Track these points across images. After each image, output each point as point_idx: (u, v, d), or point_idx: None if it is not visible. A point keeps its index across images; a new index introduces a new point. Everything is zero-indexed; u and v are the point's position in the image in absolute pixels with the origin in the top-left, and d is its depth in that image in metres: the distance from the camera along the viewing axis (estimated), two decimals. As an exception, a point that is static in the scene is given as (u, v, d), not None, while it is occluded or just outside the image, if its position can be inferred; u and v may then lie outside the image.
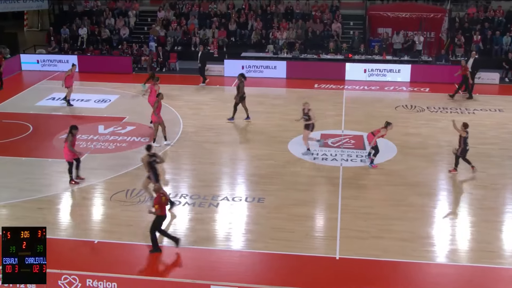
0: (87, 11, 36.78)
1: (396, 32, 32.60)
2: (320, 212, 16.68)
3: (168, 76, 30.27)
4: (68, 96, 25.46)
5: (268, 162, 19.64)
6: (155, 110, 20.44)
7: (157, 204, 13.94)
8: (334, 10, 34.87)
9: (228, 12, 35.61)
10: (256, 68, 30.69)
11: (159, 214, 14.02)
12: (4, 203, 16.74)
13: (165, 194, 14.36)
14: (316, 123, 20.23)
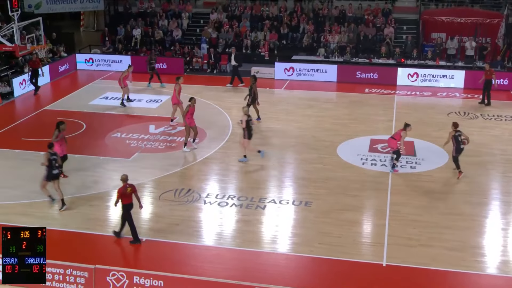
0: (141, 12, 37.37)
1: (451, 37, 32.02)
2: (368, 218, 16.51)
3: (219, 78, 30.49)
4: (123, 95, 25.90)
5: (317, 166, 19.55)
6: (185, 114, 20.34)
7: (119, 193, 14.45)
8: (387, 14, 34.49)
9: (280, 15, 35.63)
10: (306, 71, 30.61)
11: (123, 203, 14.42)
12: (57, 199, 17.15)
13: (132, 186, 14.63)
14: (356, 128, 20.00)
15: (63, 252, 14.10)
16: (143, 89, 28.64)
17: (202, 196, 17.30)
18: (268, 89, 28.87)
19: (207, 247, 14.79)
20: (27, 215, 16.15)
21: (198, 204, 16.89)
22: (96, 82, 30.26)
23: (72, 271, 12.70)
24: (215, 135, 22.23)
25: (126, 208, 14.64)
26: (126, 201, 14.58)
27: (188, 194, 17.39)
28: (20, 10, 23.88)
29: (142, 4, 37.81)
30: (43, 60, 30.98)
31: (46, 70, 30.05)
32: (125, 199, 14.57)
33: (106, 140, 21.80)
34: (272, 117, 24.27)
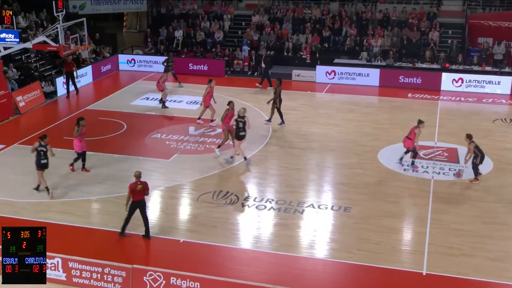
0: (183, 13, 37.73)
1: (498, 42, 31.44)
2: (408, 225, 16.31)
3: (259, 80, 30.51)
4: (163, 97, 26.19)
5: (357, 171, 19.40)
6: (224, 118, 20.28)
7: (129, 189, 14.64)
8: (432, 18, 34.05)
9: (323, 18, 35.52)
10: (348, 75, 30.44)
11: (132, 200, 14.66)
12: (97, 198, 17.43)
13: (144, 184, 14.75)
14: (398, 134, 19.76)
15: (101, 251, 14.31)
16: (182, 90, 28.87)
17: (240, 199, 17.34)
18: (309, 92, 28.80)
19: (244, 250, 14.81)
20: (67, 213, 16.44)
21: (236, 207, 16.93)
22: (137, 82, 30.65)
23: (110, 270, 12.86)
24: (254, 138, 22.25)
25: (135, 205, 14.82)
26: (136, 198, 14.76)
27: (226, 197, 17.45)
28: (65, 10, 24.32)
29: (184, 6, 38.18)
30: (86, 60, 31.57)
31: (88, 70, 30.64)
32: (135, 196, 14.75)
33: (146, 141, 22.05)
34: (313, 121, 24.20)
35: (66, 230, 15.66)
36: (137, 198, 14.78)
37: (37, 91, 26.85)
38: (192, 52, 34.65)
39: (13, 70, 27.58)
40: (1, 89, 24.21)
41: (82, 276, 13.05)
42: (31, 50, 29.68)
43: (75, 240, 15.12)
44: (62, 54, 24.46)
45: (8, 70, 26.96)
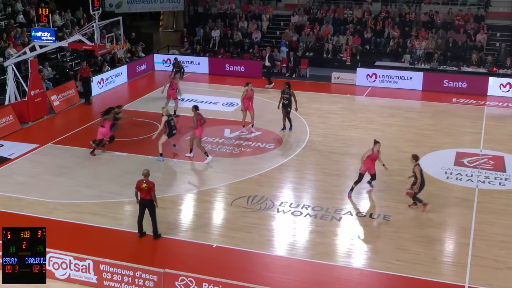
0: (221, 13, 37.94)
1: (549, 45, 30.85)
2: (451, 235, 16.08)
3: (298, 83, 30.45)
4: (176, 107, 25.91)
5: (397, 178, 19.20)
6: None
7: (136, 187, 15.03)
8: (480, 20, 33.55)
9: (364, 19, 35.31)
10: (390, 78, 30.18)
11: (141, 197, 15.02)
12: (129, 200, 17.59)
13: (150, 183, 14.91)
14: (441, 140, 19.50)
15: (133, 255, 14.45)
16: (218, 92, 28.98)
17: (275, 204, 17.33)
18: (349, 95, 28.64)
19: (278, 257, 14.79)
20: (99, 214, 16.65)
21: (271, 212, 16.92)
22: (172, 83, 30.81)
23: (142, 274, 12.98)
24: (291, 142, 22.24)
25: (140, 203, 15.07)
26: (143, 196, 15.01)
27: (261, 202, 17.45)
28: (101, 9, 24.66)
29: (222, 5, 38.38)
30: (121, 59, 31.96)
31: (123, 69, 31.01)
32: (142, 194, 15.00)
33: (180, 143, 22.18)
34: (352, 125, 24.06)
35: (97, 231, 15.86)
36: (144, 196, 15.04)
37: (72, 91, 27.30)
38: (229, 52, 34.79)
39: (49, 69, 28.10)
40: (36, 88, 24.67)
41: (113, 279, 13.19)
42: (66, 49, 30.20)
43: (106, 242, 15.30)
44: (97, 53, 24.76)
45: (44, 69, 27.48)
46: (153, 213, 15.18)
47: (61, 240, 15.00)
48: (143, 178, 15.05)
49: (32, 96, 24.42)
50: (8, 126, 23.17)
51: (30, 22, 30.32)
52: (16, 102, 24.47)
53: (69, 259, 13.48)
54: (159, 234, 15.35)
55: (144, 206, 15.12)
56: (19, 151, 21.22)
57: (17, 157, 20.81)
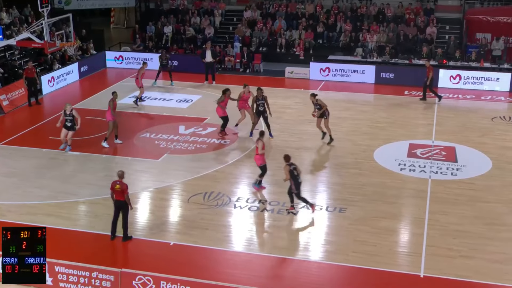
0: (173, 9, 37.65)
1: (496, 38, 31.54)
2: (405, 226, 16.35)
3: (252, 78, 30.53)
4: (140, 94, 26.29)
5: (352, 171, 19.43)
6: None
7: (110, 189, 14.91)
8: (429, 13, 34.15)
9: (316, 13, 35.55)
10: (343, 72, 30.47)
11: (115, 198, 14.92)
12: (84, 200, 17.38)
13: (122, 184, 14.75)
14: (395, 132, 19.83)
15: (88, 255, 14.27)
16: (172, 88, 28.86)
17: (232, 200, 17.34)
18: (303, 90, 28.80)
19: (236, 252, 14.81)
20: (54, 215, 16.38)
21: (228, 208, 16.93)
22: (125, 80, 30.55)
23: (98, 274, 12.83)
24: (246, 137, 22.26)
25: (115, 204, 14.95)
26: (117, 197, 14.88)
27: (218, 198, 17.44)
28: (50, 6, 24.21)
29: (174, 1, 38.09)
30: (72, 57, 31.47)
31: (75, 67, 30.54)
32: (116, 195, 14.87)
33: (134, 140, 22.00)
34: (307, 120, 24.18)
35: (52, 233, 15.56)
36: (118, 197, 14.88)
37: (21, 90, 26.71)
38: (182, 49, 34.59)
39: (-3, 68, 27.47)
40: (-16, 88, 24.11)
41: (69, 280, 13.00)
42: (15, 47, 29.55)
43: (61, 243, 15.05)
44: (47, 51, 24.39)
45: (-9, 67, 26.84)
46: (126, 215, 15.00)
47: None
48: (117, 179, 14.85)
49: (-20, 96, 23.87)
50: (-44, 127, 22.61)
51: (-24, 20, 29.59)
52: (-36, 102, 23.88)
53: (23, 261, 13.22)
54: (129, 236, 15.17)
55: (118, 207, 14.91)
56: (-32, 153, 20.73)
57: (-34, 159, 20.33)
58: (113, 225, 15.09)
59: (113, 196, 14.90)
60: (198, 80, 30.02)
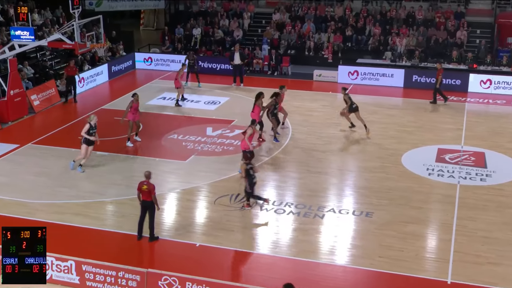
0: (202, 11, 37.83)
1: (528, 42, 31.15)
2: (433, 232, 16.20)
3: (280, 81, 30.48)
4: (178, 96, 26.46)
5: (380, 175, 19.32)
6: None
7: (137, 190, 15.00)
8: (460, 17, 33.81)
9: (345, 16, 35.43)
10: (371, 75, 30.32)
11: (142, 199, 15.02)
12: (111, 200, 17.54)
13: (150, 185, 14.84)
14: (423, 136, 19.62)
15: (115, 254, 14.39)
16: (200, 90, 28.97)
17: (258, 202, 17.34)
18: (331, 93, 28.72)
19: (261, 255, 14.81)
20: (81, 215, 16.56)
21: (254, 211, 16.94)
22: (154, 82, 30.80)
23: (124, 274, 12.93)
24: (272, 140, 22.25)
25: (142, 205, 15.05)
26: (144, 198, 14.98)
27: (244, 200, 17.45)
28: (81, 7, 24.47)
29: (203, 3, 38.27)
30: (102, 58, 31.79)
31: (104, 68, 30.86)
32: (143, 195, 14.97)
33: (162, 141, 22.14)
34: (334, 123, 24.13)
35: (80, 232, 15.78)
36: (144, 198, 14.98)
37: (52, 90, 27.10)
38: (210, 50, 34.73)
39: (28, 68, 27.85)
40: (16, 88, 24.46)
41: (95, 279, 13.13)
42: (46, 48, 29.96)
43: (88, 242, 15.22)
44: (77, 52, 24.63)
45: (23, 68, 27.23)
46: (152, 216, 15.09)
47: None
48: (145, 179, 14.97)
49: (11, 95, 24.20)
50: (-12, 127, 23.00)
51: (8, 20, 30.03)
52: (-5, 102, 24.27)
53: (51, 260, 13.38)
54: (156, 237, 15.26)
55: (145, 208, 15.02)
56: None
57: (-3, 157, 20.66)
58: (139, 225, 15.20)
59: (139, 196, 15.01)
60: (226, 82, 30.11)
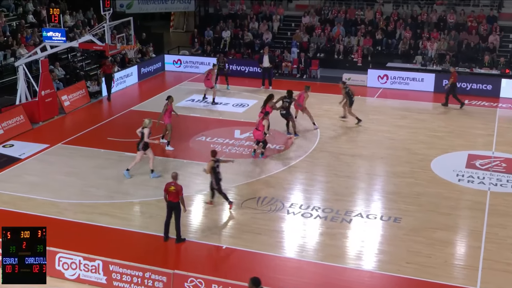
0: (231, 14, 37.96)
1: None
2: (462, 238, 16.01)
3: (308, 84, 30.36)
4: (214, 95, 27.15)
5: (408, 180, 19.16)
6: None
7: (164, 188, 15.16)
8: (492, 21, 33.40)
9: (376, 20, 35.24)
10: (401, 79, 30.10)
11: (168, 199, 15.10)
12: (140, 201, 17.66)
13: (177, 186, 14.96)
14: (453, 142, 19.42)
15: (142, 255, 14.48)
16: (228, 93, 29.05)
17: (285, 206, 17.32)
18: (360, 97, 28.54)
19: (288, 259, 14.79)
20: (109, 215, 16.71)
21: (281, 214, 16.92)
22: (183, 84, 30.96)
23: (151, 274, 13.01)
24: (302, 143, 22.22)
25: (168, 205, 15.15)
26: (170, 198, 15.09)
27: (271, 203, 17.45)
28: (112, 9, 24.73)
29: (233, 6, 38.40)
30: (132, 60, 32.06)
31: (134, 70, 31.11)
32: (170, 196, 15.07)
33: (190, 143, 22.24)
34: (363, 127, 24.00)
35: (107, 232, 15.92)
36: (171, 199, 15.08)
37: (82, 91, 27.43)
38: (240, 53, 34.82)
39: (59, 69, 28.24)
40: (47, 88, 24.80)
41: (122, 279, 13.23)
42: (77, 49, 30.34)
43: (116, 242, 15.35)
44: (108, 54, 24.88)
45: (54, 69, 27.62)
46: (178, 217, 15.19)
47: (71, 240, 15.08)
48: (172, 180, 15.11)
49: (42, 96, 24.55)
50: (19, 126, 23.30)
51: (41, 22, 30.49)
52: (27, 102, 24.59)
53: (79, 259, 13.53)
54: (183, 239, 15.34)
55: (171, 209, 15.13)
56: (29, 151, 21.32)
57: (28, 157, 20.92)
58: (166, 226, 15.29)
59: (166, 197, 15.10)
60: (255, 85, 30.13)
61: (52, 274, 13.45)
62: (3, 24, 29.28)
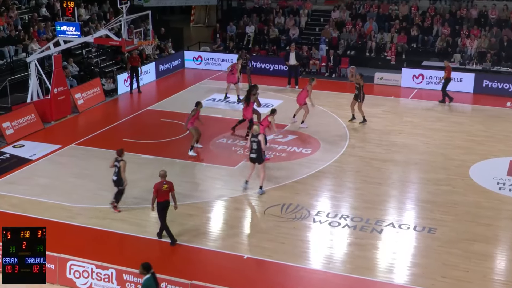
0: (256, 8, 37.99)
1: None
2: (502, 251, 15.85)
3: (338, 83, 30.43)
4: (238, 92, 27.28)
5: (445, 188, 19.02)
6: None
7: (155, 189, 15.30)
8: (538, 17, 33.09)
9: (411, 15, 35.06)
10: (438, 79, 29.85)
11: (158, 201, 15.32)
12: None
13: (170, 183, 15.18)
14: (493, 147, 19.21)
15: (158, 264, 14.52)
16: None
17: (311, 214, 17.29)
18: (393, 97, 28.47)
19: (314, 270, 14.75)
20: (123, 220, 16.81)
21: (307, 222, 16.89)
22: (203, 82, 31.06)
23: (167, 285, 13.07)
24: (330, 147, 22.17)
25: (160, 206, 15.32)
26: (161, 199, 15.25)
27: (296, 211, 17.43)
28: (129, 2, 24.87)
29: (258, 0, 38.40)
30: (150, 56, 32.23)
31: (152, 67, 31.27)
32: (160, 196, 15.22)
33: (210, 146, 22.29)
34: (396, 130, 23.89)
35: (121, 238, 16.02)
36: (162, 198, 15.30)
37: (97, 89, 27.61)
38: (264, 50, 34.84)
39: (73, 66, 28.49)
40: (60, 86, 24.97)
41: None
42: (92, 45, 30.49)
43: (130, 250, 15.44)
44: (124, 49, 25.02)
45: (68, 65, 27.87)
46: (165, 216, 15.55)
47: (83, 247, 15.20)
48: (162, 179, 15.29)
49: (55, 94, 24.76)
50: (30, 126, 23.56)
51: (54, 16, 30.79)
52: (39, 100, 24.83)
53: (91, 267, 13.63)
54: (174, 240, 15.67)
55: (163, 209, 15.39)
56: (40, 152, 21.55)
57: (39, 158, 21.15)
58: (167, 229, 15.49)
59: (154, 199, 15.31)
60: (280, 84, 30.13)
61: (63, 283, 13.59)
62: (14, 18, 29.64)
